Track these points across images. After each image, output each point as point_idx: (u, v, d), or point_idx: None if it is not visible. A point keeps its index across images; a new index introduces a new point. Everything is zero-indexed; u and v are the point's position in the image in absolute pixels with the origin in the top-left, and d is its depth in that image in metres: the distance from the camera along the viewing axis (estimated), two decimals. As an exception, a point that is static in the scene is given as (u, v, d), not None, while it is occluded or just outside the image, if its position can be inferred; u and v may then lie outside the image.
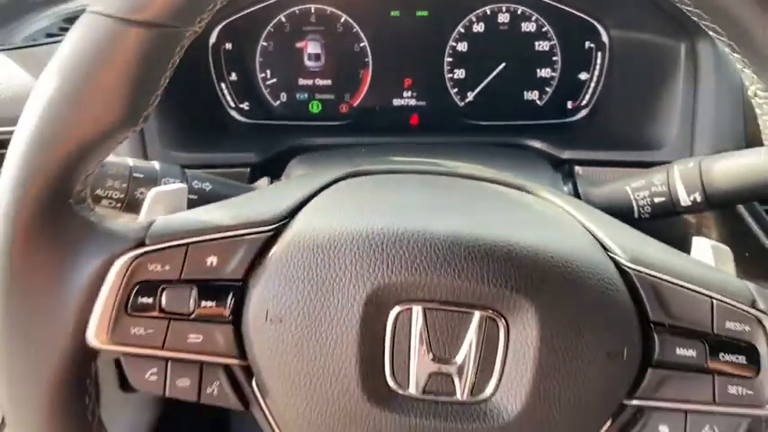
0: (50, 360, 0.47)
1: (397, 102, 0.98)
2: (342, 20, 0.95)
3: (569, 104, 0.97)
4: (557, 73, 0.96)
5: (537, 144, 0.86)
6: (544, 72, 0.96)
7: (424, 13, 0.94)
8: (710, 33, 0.45)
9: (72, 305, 0.47)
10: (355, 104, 0.98)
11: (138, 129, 0.47)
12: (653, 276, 0.48)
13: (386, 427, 0.46)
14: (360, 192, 0.56)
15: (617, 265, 0.49)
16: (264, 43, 0.96)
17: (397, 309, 0.46)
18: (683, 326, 0.48)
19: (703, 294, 0.48)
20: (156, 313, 0.47)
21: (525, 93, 0.97)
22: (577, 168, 0.80)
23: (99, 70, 0.44)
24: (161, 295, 0.47)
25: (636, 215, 0.67)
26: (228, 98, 0.98)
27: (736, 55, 0.45)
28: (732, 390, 0.47)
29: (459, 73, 0.96)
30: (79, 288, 0.46)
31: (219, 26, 0.93)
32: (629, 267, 0.49)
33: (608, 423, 0.48)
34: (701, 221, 0.77)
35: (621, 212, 0.67)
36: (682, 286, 0.48)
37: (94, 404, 0.50)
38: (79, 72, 0.44)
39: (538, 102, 0.97)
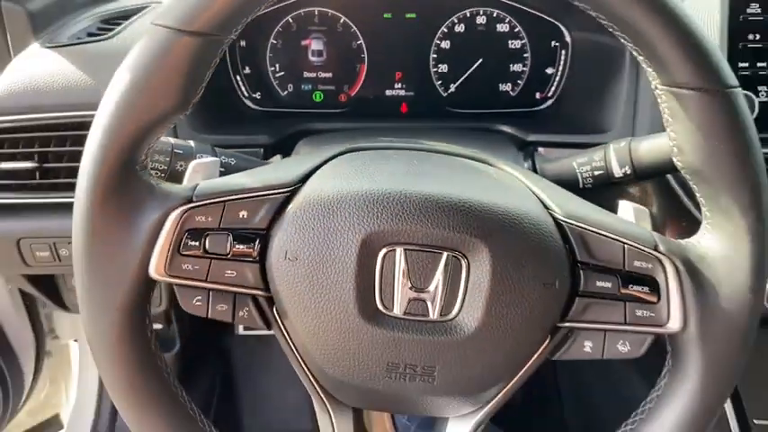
0: (121, 287, 0.55)
1: (389, 92, 1.04)
2: (341, 21, 1.01)
3: (537, 95, 1.03)
4: (527, 68, 1.02)
5: (506, 129, 0.93)
6: (516, 67, 1.02)
7: (413, 16, 1.01)
8: (621, 40, 0.53)
9: (138, 246, 0.54)
10: (353, 94, 1.04)
11: (187, 112, 0.55)
12: (580, 227, 0.56)
13: (376, 339, 0.54)
14: (356, 163, 0.62)
15: (554, 218, 0.57)
16: (274, 41, 1.02)
17: (384, 250, 0.54)
18: (602, 264, 0.56)
19: (618, 240, 0.56)
20: (200, 253, 0.55)
21: (500, 85, 1.03)
22: (540, 149, 0.87)
23: (159, 68, 0.52)
24: (205, 240, 0.55)
25: (580, 185, 0.75)
26: (243, 88, 1.04)
27: (640, 57, 0.53)
28: (639, 313, 0.55)
29: (443, 67, 1.03)
30: (143, 233, 0.54)
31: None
32: (562, 220, 0.57)
33: (547, 340, 0.56)
34: (644, 197, 0.84)
35: (569, 183, 0.75)
36: (602, 234, 0.56)
37: (152, 323, 0.58)
38: (145, 70, 0.52)
39: (511, 93, 1.03)
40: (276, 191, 0.57)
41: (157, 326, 1.28)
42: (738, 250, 0.55)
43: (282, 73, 1.04)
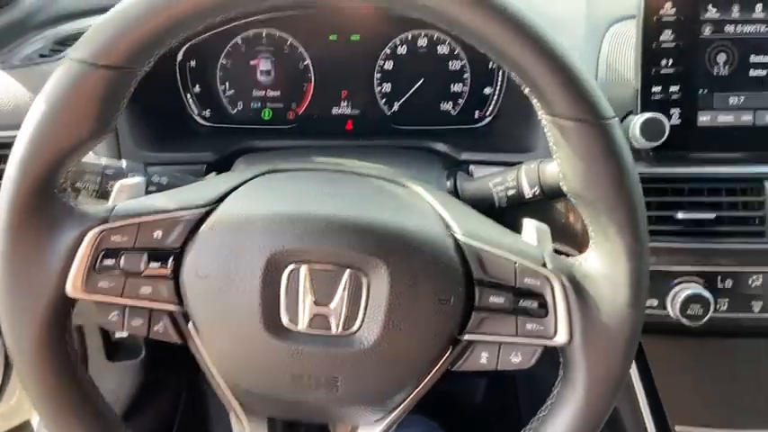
0: (40, 305, 0.56)
1: (335, 110, 1.06)
2: (288, 42, 1.03)
3: (477, 114, 1.05)
4: (467, 87, 1.04)
5: (441, 147, 0.95)
6: (456, 87, 1.04)
7: (357, 37, 1.03)
8: (509, 74, 0.56)
9: (55, 265, 0.56)
10: (300, 112, 1.06)
11: (106, 138, 0.57)
12: (477, 246, 0.59)
13: (282, 353, 0.57)
14: (270, 184, 0.65)
15: (453, 238, 0.60)
16: (224, 61, 1.04)
17: (289, 267, 0.56)
18: (496, 281, 0.58)
19: (510, 259, 0.59)
20: (116, 272, 0.57)
21: (441, 103, 1.05)
22: (471, 167, 0.90)
23: (75, 99, 0.54)
24: (120, 259, 0.57)
25: (496, 205, 0.77)
26: (193, 106, 1.06)
27: (525, 89, 0.56)
28: (529, 326, 0.58)
29: (387, 87, 1.05)
30: (60, 253, 0.56)
31: (185, 46, 1.01)
32: (461, 240, 0.59)
33: (447, 352, 0.59)
34: (570, 214, 0.85)
35: (485, 202, 0.77)
36: (496, 253, 0.59)
37: (73, 342, 0.60)
38: (61, 101, 0.54)
39: (452, 111, 1.05)
40: (190, 211, 0.60)
41: (122, 334, 1.30)
42: (617, 269, 0.58)
43: (232, 91, 1.06)
